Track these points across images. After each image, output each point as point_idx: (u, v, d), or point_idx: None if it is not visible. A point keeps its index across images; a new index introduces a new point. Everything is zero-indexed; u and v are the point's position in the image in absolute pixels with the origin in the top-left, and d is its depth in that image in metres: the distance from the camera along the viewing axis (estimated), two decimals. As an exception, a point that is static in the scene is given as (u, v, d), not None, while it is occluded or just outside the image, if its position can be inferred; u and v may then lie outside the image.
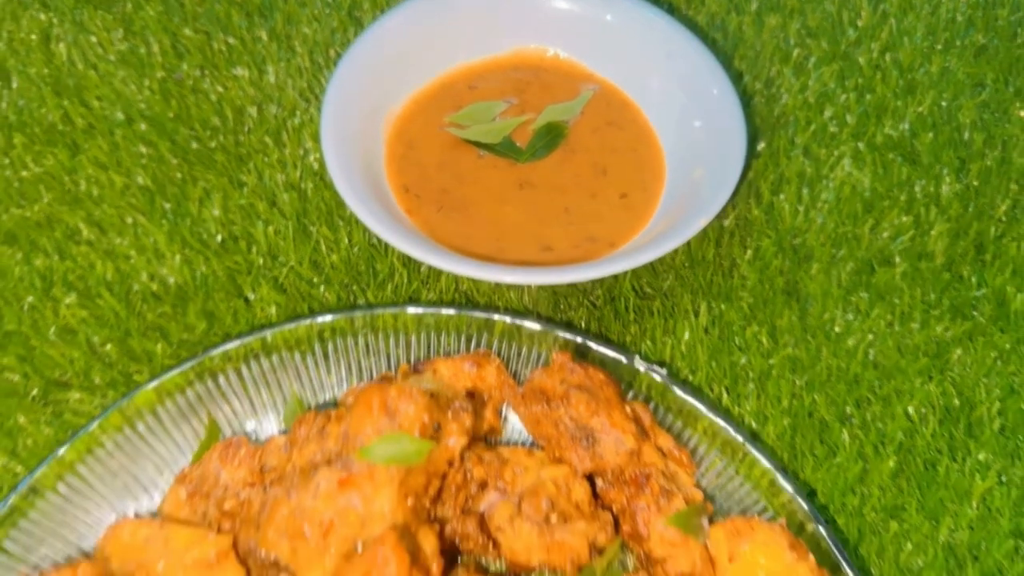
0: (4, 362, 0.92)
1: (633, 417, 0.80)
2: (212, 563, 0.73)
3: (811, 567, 0.77)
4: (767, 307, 1.00)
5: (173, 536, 0.75)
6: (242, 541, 0.74)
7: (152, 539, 0.74)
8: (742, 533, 0.78)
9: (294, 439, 0.75)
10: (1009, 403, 0.96)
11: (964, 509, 0.90)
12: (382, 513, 0.64)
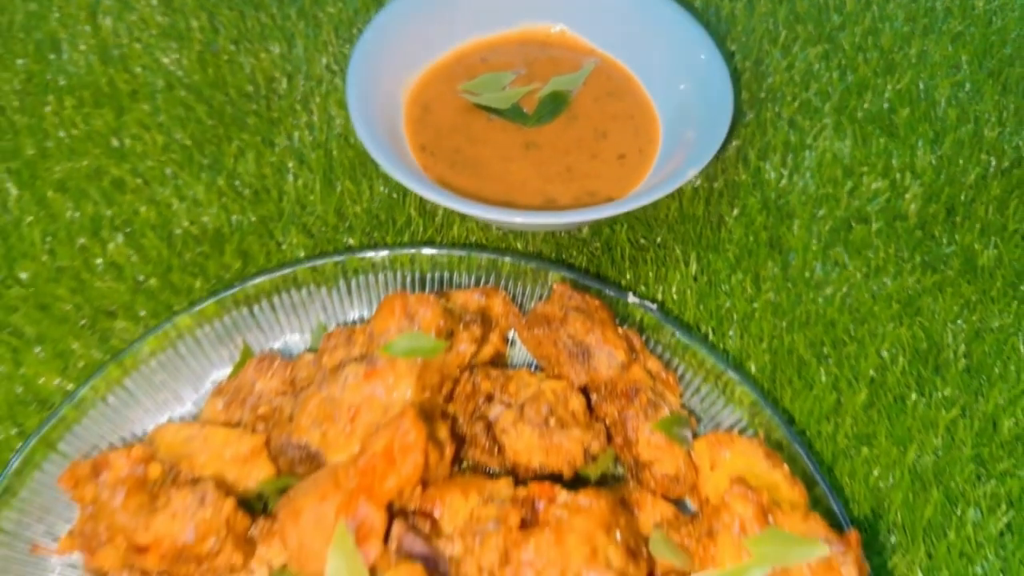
0: (58, 293, 1.01)
1: (625, 340, 0.89)
2: (246, 458, 0.82)
3: (785, 474, 0.85)
4: (751, 258, 1.09)
5: (211, 435, 0.83)
6: (273, 441, 0.83)
7: (193, 438, 0.83)
8: (723, 443, 0.86)
9: (323, 350, 0.84)
10: (974, 346, 1.05)
11: (929, 438, 0.98)
12: (402, 399, 0.73)
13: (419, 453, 0.69)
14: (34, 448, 0.87)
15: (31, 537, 0.84)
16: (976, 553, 0.93)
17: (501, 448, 0.84)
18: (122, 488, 0.73)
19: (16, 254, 1.04)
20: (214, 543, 0.73)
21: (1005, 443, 0.99)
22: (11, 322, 0.99)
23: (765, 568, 0.70)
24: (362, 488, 0.68)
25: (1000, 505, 0.95)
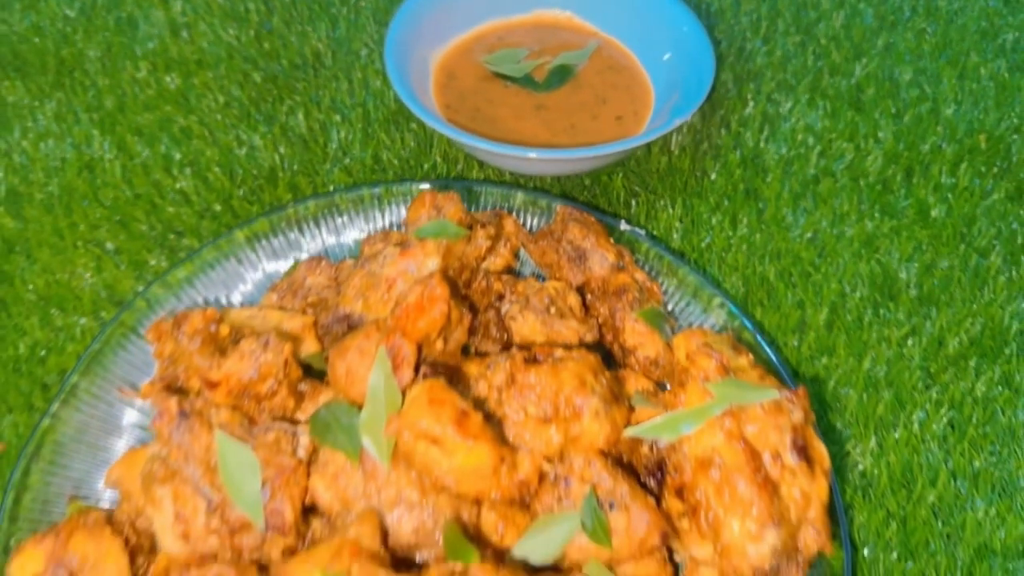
0: (135, 215, 1.19)
1: (616, 250, 1.05)
2: (297, 333, 0.98)
3: (749, 361, 1.00)
4: (730, 203, 1.25)
5: (269, 314, 1.00)
6: (320, 321, 0.99)
7: (254, 316, 0.99)
8: (696, 336, 1.01)
9: (364, 244, 1.01)
10: (925, 279, 1.20)
11: (882, 351, 1.13)
12: (431, 271, 0.89)
13: (444, 303, 0.84)
14: (113, 329, 1.03)
15: (111, 400, 1.00)
16: (921, 445, 1.06)
17: (509, 333, 1.00)
18: (198, 337, 0.89)
19: (100, 183, 1.22)
20: (272, 384, 0.88)
21: (949, 358, 1.13)
22: (95, 237, 1.17)
23: (724, 406, 0.84)
24: (397, 328, 0.84)
25: (943, 407, 1.09)
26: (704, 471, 0.83)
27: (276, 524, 0.81)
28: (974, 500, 1.03)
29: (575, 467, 0.86)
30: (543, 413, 0.82)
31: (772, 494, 0.81)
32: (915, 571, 0.98)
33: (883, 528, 1.01)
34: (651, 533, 0.83)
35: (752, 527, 0.79)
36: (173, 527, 0.81)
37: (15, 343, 1.08)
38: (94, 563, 0.83)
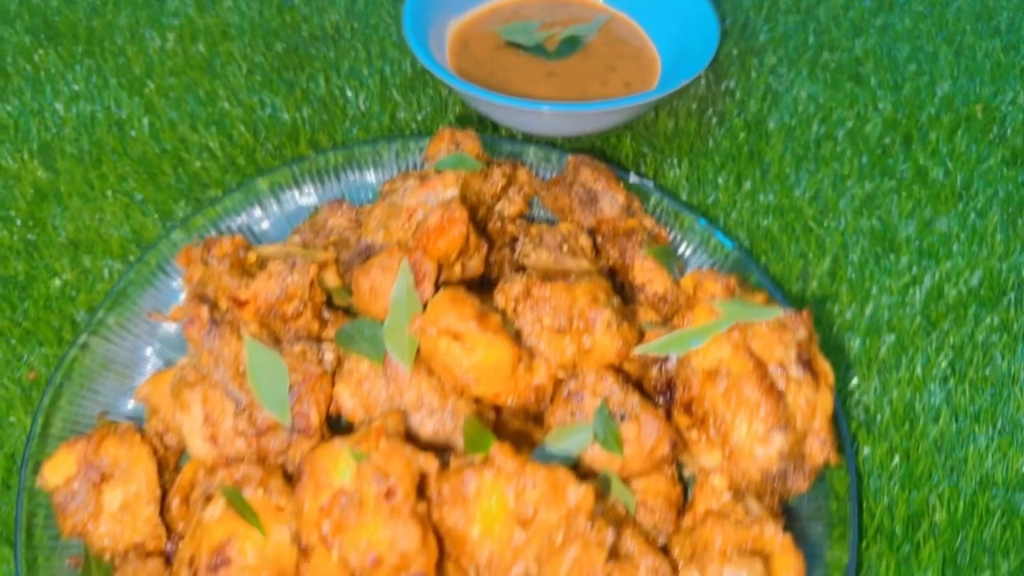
0: (162, 168, 1.23)
1: (626, 194, 1.09)
2: (322, 266, 1.02)
3: (755, 302, 1.03)
4: (735, 163, 1.30)
5: (293, 250, 1.03)
6: (342, 258, 1.03)
7: (278, 252, 1.03)
8: (705, 275, 1.05)
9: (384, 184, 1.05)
10: (924, 235, 1.24)
11: (883, 298, 1.17)
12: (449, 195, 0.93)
13: (463, 224, 0.88)
14: (140, 267, 1.07)
15: (138, 332, 1.04)
16: (922, 386, 1.10)
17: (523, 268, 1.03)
18: (227, 260, 0.93)
19: (128, 139, 1.27)
20: (298, 305, 0.92)
21: (949, 306, 1.17)
22: (124, 187, 1.21)
23: (731, 322, 0.88)
24: (419, 246, 0.88)
25: (944, 351, 1.12)
26: (711, 381, 0.86)
27: (302, 426, 0.84)
28: (975, 436, 1.06)
29: (587, 382, 0.89)
30: (557, 324, 0.85)
31: (778, 400, 0.84)
32: (919, 500, 1.01)
33: (886, 460, 1.04)
34: (661, 441, 0.86)
35: (759, 429, 0.82)
36: (201, 430, 0.85)
37: (46, 282, 1.12)
38: (124, 466, 0.86)
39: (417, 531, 0.68)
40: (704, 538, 0.78)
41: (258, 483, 0.80)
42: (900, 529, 0.99)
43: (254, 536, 0.77)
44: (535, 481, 0.71)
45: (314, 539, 0.73)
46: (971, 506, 1.00)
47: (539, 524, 0.72)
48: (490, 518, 0.73)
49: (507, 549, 0.72)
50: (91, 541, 0.85)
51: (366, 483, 0.69)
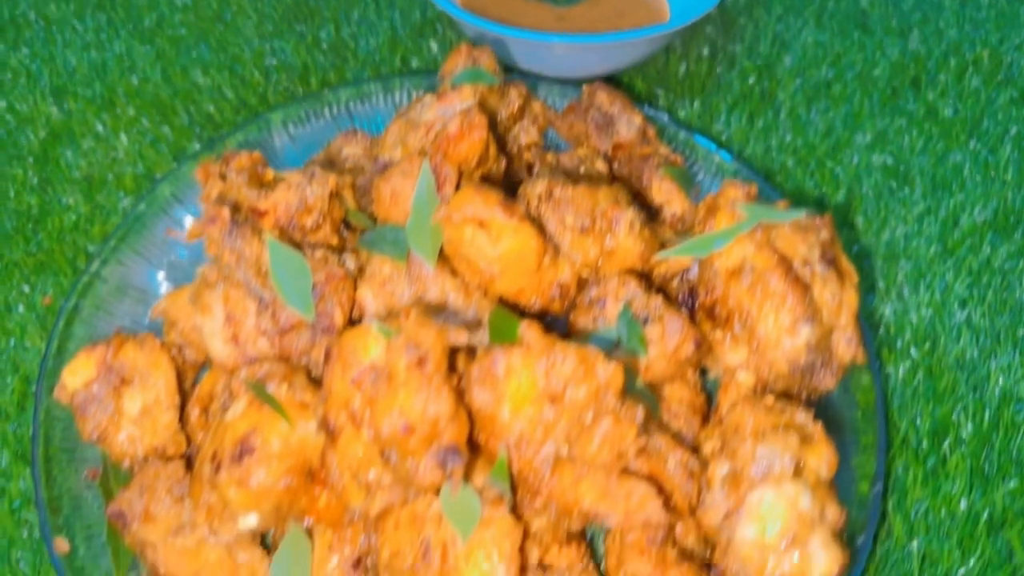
0: (175, 109, 1.23)
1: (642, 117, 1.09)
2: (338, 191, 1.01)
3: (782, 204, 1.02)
4: (746, 102, 1.30)
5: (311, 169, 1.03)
6: (357, 183, 1.03)
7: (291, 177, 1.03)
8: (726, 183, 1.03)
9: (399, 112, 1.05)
10: (937, 169, 1.24)
11: (899, 226, 1.16)
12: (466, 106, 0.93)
13: (483, 129, 0.88)
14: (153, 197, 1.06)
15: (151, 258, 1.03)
16: (942, 308, 1.09)
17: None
18: (245, 173, 0.93)
19: (140, 83, 1.27)
20: (317, 217, 0.91)
21: (965, 233, 1.16)
22: (137, 127, 1.21)
23: (754, 222, 0.87)
24: (439, 151, 0.87)
25: (962, 275, 1.12)
26: (736, 279, 0.86)
27: (325, 325, 0.83)
28: (996, 355, 1.05)
29: (609, 288, 0.89)
30: (580, 224, 0.85)
31: (804, 292, 0.83)
32: (943, 414, 1.00)
33: (909, 377, 1.03)
34: (686, 340, 0.85)
35: (786, 319, 0.82)
36: (223, 330, 0.84)
37: (60, 216, 1.12)
38: (144, 372, 0.85)
39: (449, 399, 0.67)
40: (735, 423, 0.77)
41: (282, 378, 0.79)
42: (926, 442, 0.98)
43: (279, 426, 0.76)
44: (565, 357, 0.71)
45: (342, 420, 0.72)
46: (996, 419, 1.00)
47: (569, 401, 0.71)
48: (520, 397, 0.72)
49: (537, 427, 0.71)
50: (110, 446, 0.84)
51: (397, 355, 0.68)
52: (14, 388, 0.97)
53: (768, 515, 0.71)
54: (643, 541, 0.75)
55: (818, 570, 0.70)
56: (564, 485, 0.73)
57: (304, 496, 0.76)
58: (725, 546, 0.77)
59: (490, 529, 0.71)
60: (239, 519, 0.77)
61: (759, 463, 0.73)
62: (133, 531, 0.80)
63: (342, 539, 0.79)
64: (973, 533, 0.92)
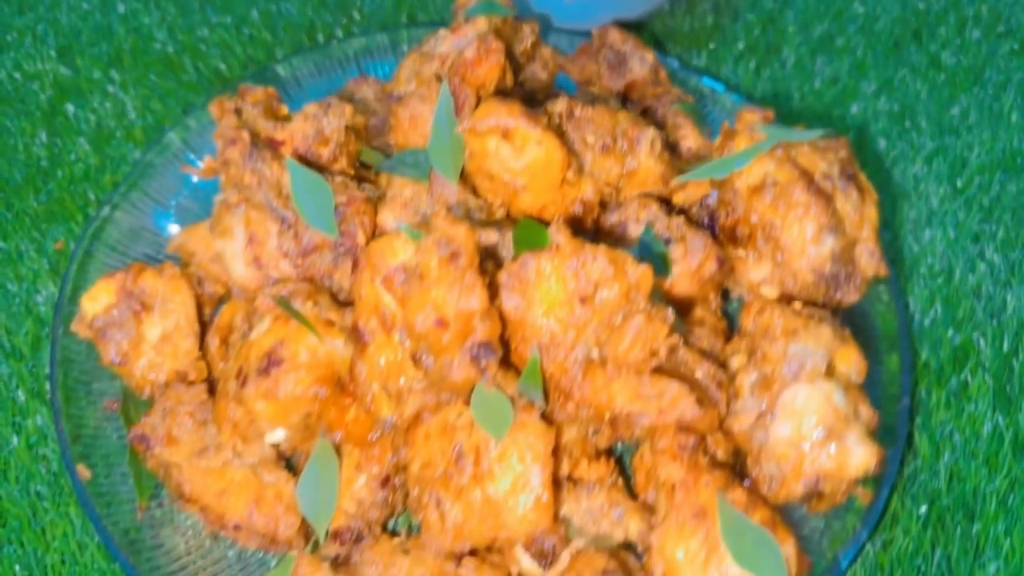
0: (182, 65, 1.23)
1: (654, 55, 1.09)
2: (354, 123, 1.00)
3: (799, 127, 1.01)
4: (752, 55, 1.31)
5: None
6: (371, 126, 1.02)
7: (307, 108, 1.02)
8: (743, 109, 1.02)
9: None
10: (943, 114, 1.25)
11: (907, 166, 1.17)
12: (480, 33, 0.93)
13: (500, 53, 0.88)
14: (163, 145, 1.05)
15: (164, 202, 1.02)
16: (955, 242, 1.10)
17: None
18: (260, 106, 0.92)
19: (146, 40, 1.26)
20: (334, 149, 0.91)
21: (974, 173, 1.17)
22: (144, 82, 1.21)
23: (773, 142, 0.87)
24: (457, 75, 0.87)
25: (973, 211, 1.13)
26: (758, 195, 0.85)
27: (348, 247, 0.82)
28: (1011, 285, 1.06)
29: (631, 211, 0.88)
30: (602, 143, 0.85)
31: (827, 202, 0.83)
32: (963, 339, 1.00)
33: (927, 306, 1.03)
34: (708, 258, 0.85)
35: (810, 228, 0.82)
36: (244, 252, 0.83)
37: (70, 167, 1.11)
38: (163, 298, 0.84)
39: (482, 294, 0.67)
40: (764, 325, 0.76)
41: (306, 296, 0.78)
42: (947, 366, 0.98)
43: (306, 339, 0.75)
44: (595, 257, 0.70)
45: (372, 326, 0.71)
46: (1015, 344, 1.00)
47: (600, 302, 0.71)
48: (550, 299, 0.71)
49: (568, 329, 0.71)
50: (130, 373, 0.82)
51: (428, 254, 0.68)
52: (28, 330, 0.96)
53: (804, 410, 0.70)
54: (675, 448, 0.74)
55: (855, 463, 0.69)
56: (596, 387, 0.72)
57: (333, 408, 0.75)
58: (757, 453, 0.76)
59: (522, 431, 0.71)
60: (266, 435, 0.76)
61: (791, 362, 0.72)
62: (156, 454, 0.78)
63: (369, 457, 0.78)
64: (999, 452, 0.91)
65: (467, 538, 0.72)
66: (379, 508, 0.78)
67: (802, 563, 0.74)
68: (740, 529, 0.71)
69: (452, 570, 0.72)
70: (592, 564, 0.69)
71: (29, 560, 0.81)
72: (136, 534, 0.78)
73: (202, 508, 0.76)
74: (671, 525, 0.71)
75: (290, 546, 0.76)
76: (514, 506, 0.71)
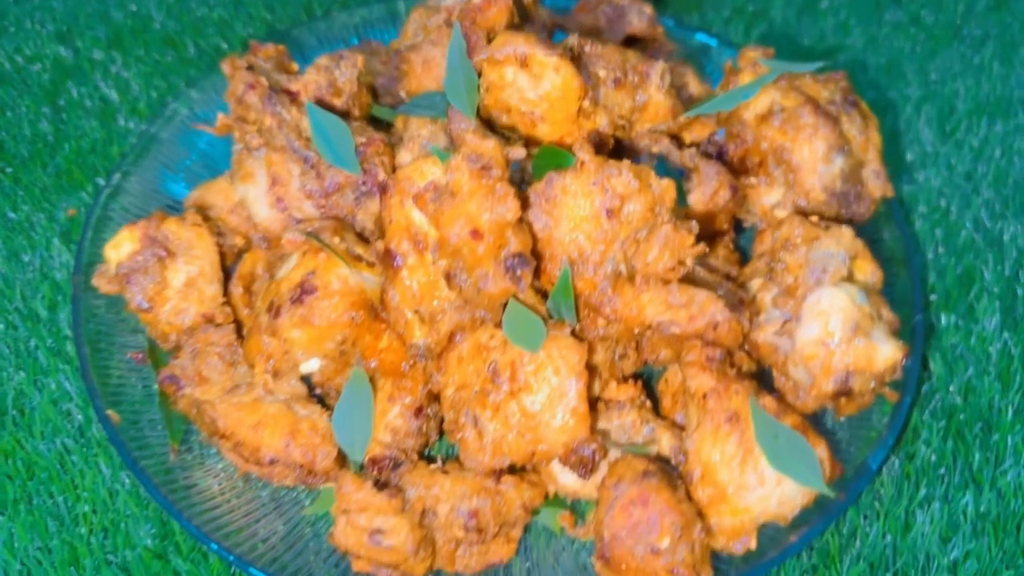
0: (183, 43, 1.24)
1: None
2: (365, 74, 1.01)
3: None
4: (741, 17, 1.35)
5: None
6: (378, 84, 1.04)
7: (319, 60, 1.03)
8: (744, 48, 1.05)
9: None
10: (927, 65, 1.29)
11: (896, 112, 1.21)
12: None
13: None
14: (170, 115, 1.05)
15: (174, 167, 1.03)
16: (949, 180, 1.13)
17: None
18: (272, 61, 0.93)
19: (145, 23, 1.27)
20: (347, 100, 0.92)
21: (961, 118, 1.21)
22: (146, 60, 1.21)
23: (777, 73, 0.90)
24: (467, 19, 0.89)
25: (964, 152, 1.16)
26: (766, 122, 0.88)
27: (370, 185, 0.83)
28: (1007, 217, 1.09)
29: (643, 146, 0.90)
30: (613, 76, 0.87)
31: (835, 123, 0.86)
32: (967, 266, 1.03)
33: (928, 238, 1.06)
34: (722, 185, 0.87)
35: (820, 147, 0.84)
36: (267, 194, 0.84)
37: (76, 141, 1.11)
38: (187, 244, 0.84)
39: (515, 204, 0.68)
40: (784, 237, 0.78)
41: (333, 232, 0.79)
42: (953, 291, 1.00)
43: (337, 267, 0.76)
44: (620, 170, 0.72)
45: (404, 248, 0.72)
46: (1016, 267, 1.03)
47: (626, 216, 0.72)
48: (577, 215, 0.72)
49: (597, 243, 0.72)
50: (156, 318, 0.82)
51: (459, 170, 0.69)
52: (44, 294, 0.95)
53: (830, 309, 0.72)
54: (703, 359, 0.75)
55: (883, 357, 0.71)
56: (626, 299, 0.73)
57: (367, 334, 0.76)
58: (783, 363, 0.78)
59: (556, 345, 0.72)
60: (301, 365, 0.76)
61: (814, 267, 0.74)
62: (186, 395, 0.78)
63: (402, 388, 0.79)
64: (1009, 368, 0.94)
65: (506, 454, 0.72)
66: (414, 437, 0.79)
67: (835, 467, 0.75)
68: (774, 432, 0.73)
69: (492, 486, 0.73)
70: (632, 467, 0.70)
71: (60, 511, 0.80)
72: (168, 475, 0.78)
73: (236, 443, 0.76)
74: (706, 430, 0.72)
75: (328, 477, 0.76)
76: (551, 418, 0.71)
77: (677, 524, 0.67)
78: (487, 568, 0.74)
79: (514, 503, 0.73)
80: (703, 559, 0.69)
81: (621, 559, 0.67)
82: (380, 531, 0.68)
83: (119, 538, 0.78)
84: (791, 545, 0.73)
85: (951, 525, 0.82)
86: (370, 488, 0.69)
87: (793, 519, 0.75)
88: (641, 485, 0.68)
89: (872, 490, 0.84)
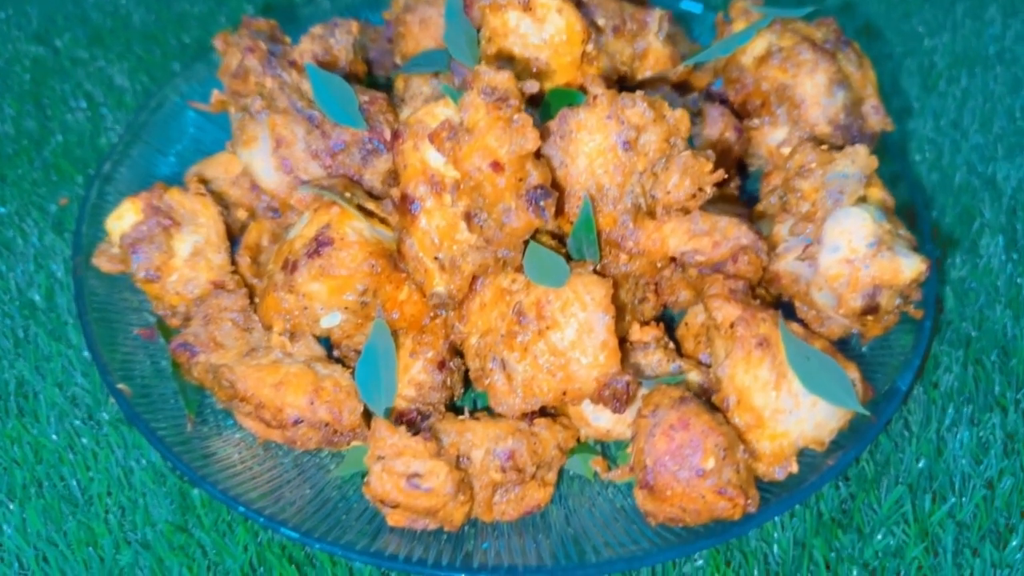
0: (164, 37, 1.23)
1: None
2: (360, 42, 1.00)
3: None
4: (719, -11, 1.37)
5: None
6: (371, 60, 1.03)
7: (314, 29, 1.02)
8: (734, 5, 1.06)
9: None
10: (904, 26, 1.32)
11: (881, 66, 1.23)
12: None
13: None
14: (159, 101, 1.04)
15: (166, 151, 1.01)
16: (937, 128, 1.14)
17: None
18: (264, 34, 0.92)
19: (124, 18, 1.26)
20: (343, 67, 0.91)
21: (941, 73, 1.23)
22: (128, 54, 1.20)
23: (771, 17, 0.91)
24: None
25: (948, 100, 1.18)
26: (765, 63, 0.89)
27: (375, 143, 0.82)
28: (997, 159, 1.10)
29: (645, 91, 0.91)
30: (612, 24, 0.87)
31: (833, 58, 0.87)
32: (966, 203, 1.04)
33: (925, 182, 1.07)
34: (727, 128, 0.88)
35: (822, 79, 0.85)
36: (273, 157, 0.82)
37: (63, 135, 1.09)
38: (191, 213, 0.82)
39: (534, 134, 0.67)
40: (797, 164, 0.78)
41: (343, 188, 0.78)
42: (956, 229, 1.01)
43: (351, 220, 0.75)
44: (634, 101, 0.72)
45: (421, 191, 0.71)
46: (1013, 204, 1.04)
47: (643, 146, 0.72)
48: (593, 149, 0.72)
49: (615, 175, 0.72)
50: (163, 289, 0.80)
51: (474, 106, 0.68)
52: (40, 283, 0.92)
53: (852, 227, 0.72)
54: (726, 292, 0.75)
55: (909, 269, 0.71)
56: (648, 232, 0.73)
57: (388, 283, 0.74)
58: (806, 290, 0.77)
59: (581, 281, 0.71)
60: (321, 320, 0.74)
61: (831, 189, 0.74)
62: (201, 361, 0.76)
63: (423, 343, 0.77)
64: (1019, 296, 0.94)
65: (537, 395, 0.71)
66: (439, 391, 0.77)
67: (867, 389, 0.75)
68: (805, 355, 0.72)
69: (526, 427, 0.71)
70: (668, 394, 0.69)
71: (73, 494, 0.77)
72: (187, 446, 0.75)
73: (258, 405, 0.73)
74: (737, 357, 0.71)
75: (354, 435, 0.74)
76: (581, 355, 0.70)
77: (720, 445, 0.66)
78: (524, 514, 0.72)
79: (549, 443, 0.71)
80: (748, 481, 0.68)
81: (666, 485, 0.66)
82: (418, 474, 0.66)
83: (138, 515, 0.75)
84: (829, 468, 0.73)
85: (981, 447, 0.82)
86: (405, 432, 0.67)
87: (828, 444, 0.74)
88: (680, 409, 0.67)
89: (901, 417, 0.83)
